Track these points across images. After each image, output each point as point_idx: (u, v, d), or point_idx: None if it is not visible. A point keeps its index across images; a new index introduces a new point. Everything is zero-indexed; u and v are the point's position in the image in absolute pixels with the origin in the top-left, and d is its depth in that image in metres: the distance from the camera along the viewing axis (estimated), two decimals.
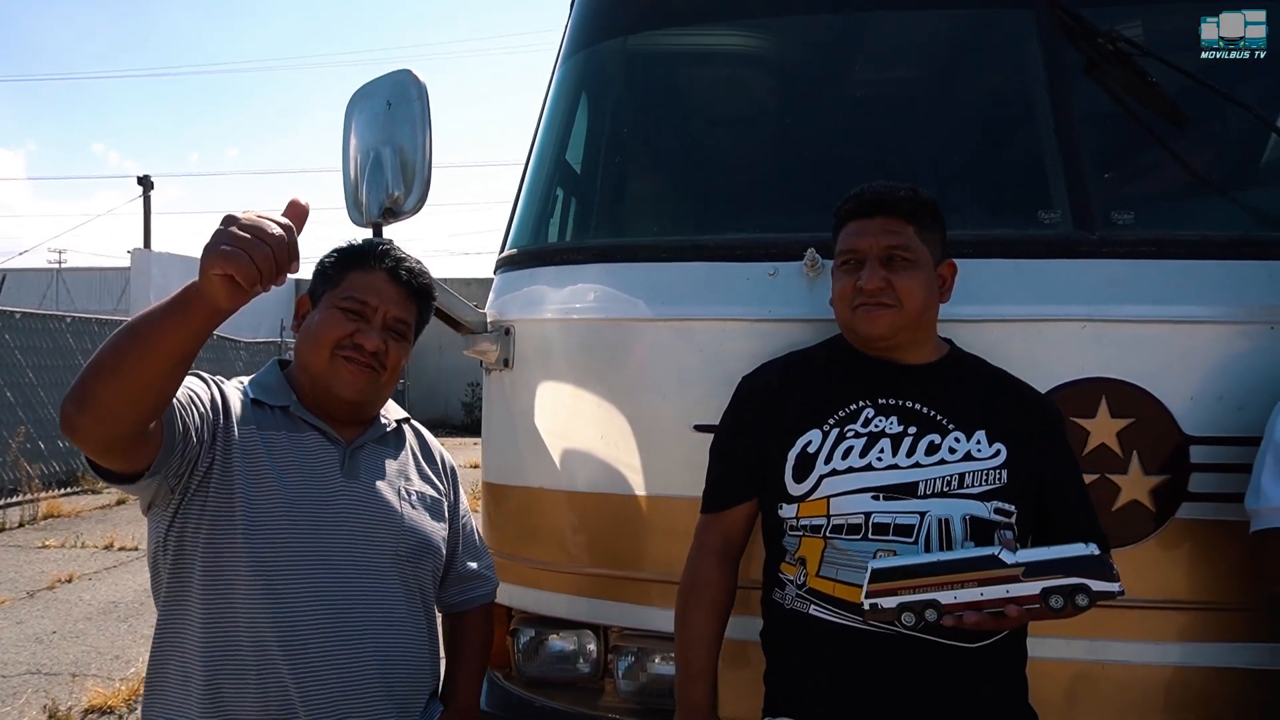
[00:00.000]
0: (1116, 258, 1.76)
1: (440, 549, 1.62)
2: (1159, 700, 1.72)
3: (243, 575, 1.38)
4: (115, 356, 1.18)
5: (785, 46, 2.15)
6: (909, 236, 1.49)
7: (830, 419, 1.51)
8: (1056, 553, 1.28)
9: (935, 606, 1.28)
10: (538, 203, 2.26)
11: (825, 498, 1.46)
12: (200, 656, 1.38)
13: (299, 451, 1.48)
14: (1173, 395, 1.70)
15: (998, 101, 2.05)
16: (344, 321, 1.50)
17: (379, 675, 1.44)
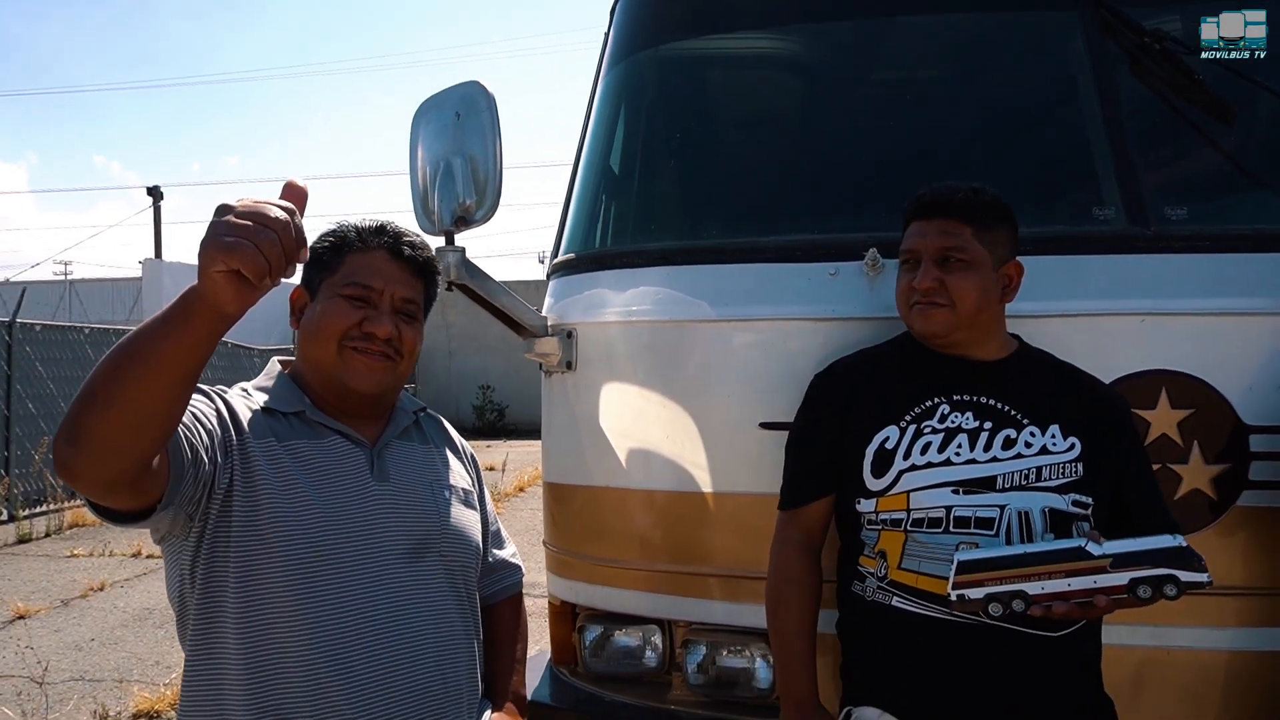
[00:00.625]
0: (1172, 252, 1.80)
1: (479, 541, 1.55)
2: (1222, 685, 1.76)
3: (283, 598, 1.28)
4: (110, 382, 1.02)
5: (835, 50, 2.19)
6: (965, 238, 1.53)
7: (907, 415, 1.55)
8: (1143, 544, 1.32)
9: (1022, 597, 1.32)
10: (590, 208, 2.31)
11: (905, 492, 1.51)
12: (242, 689, 1.27)
13: (325, 459, 1.37)
14: (1231, 385, 1.74)
15: (1045, 101, 2.09)
16: (349, 310, 1.39)
17: (436, 685, 1.36)
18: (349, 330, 1.39)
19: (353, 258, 1.44)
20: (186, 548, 1.30)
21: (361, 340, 1.39)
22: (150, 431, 1.07)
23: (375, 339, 1.39)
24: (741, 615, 1.93)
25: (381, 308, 1.42)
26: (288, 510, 1.30)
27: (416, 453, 1.52)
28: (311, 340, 1.42)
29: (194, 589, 1.30)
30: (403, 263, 1.46)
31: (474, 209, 1.77)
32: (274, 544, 1.28)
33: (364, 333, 1.39)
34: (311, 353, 1.43)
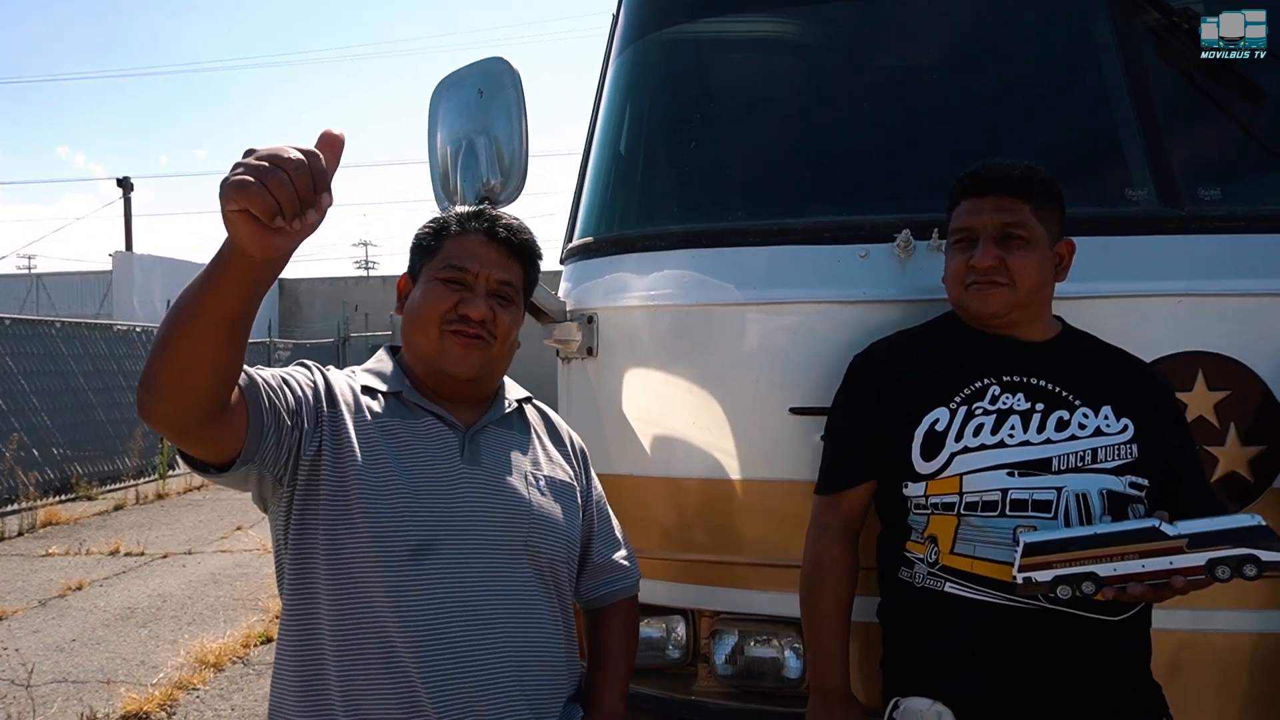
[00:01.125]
0: (1206, 233, 1.78)
1: (575, 538, 1.50)
2: (1256, 668, 1.75)
3: (365, 571, 1.29)
4: (166, 331, 1.09)
5: (858, 29, 2.15)
6: (1024, 214, 1.50)
7: (956, 396, 1.52)
8: (1220, 523, 1.30)
9: (1093, 579, 1.29)
10: (606, 192, 2.26)
11: (958, 475, 1.47)
12: (328, 652, 1.29)
13: (416, 438, 1.38)
14: (1266, 366, 1.72)
15: (1073, 80, 2.07)
16: (446, 293, 1.40)
17: (514, 675, 1.33)
18: (445, 313, 1.40)
19: (450, 242, 1.45)
20: (280, 514, 1.35)
21: (458, 322, 1.40)
22: (203, 375, 1.10)
23: (470, 321, 1.39)
24: (771, 604, 1.90)
25: (477, 290, 1.42)
26: (373, 483, 1.31)
27: (514, 440, 1.50)
28: (412, 324, 1.44)
29: (287, 553, 1.35)
30: (499, 245, 1.46)
31: (499, 190, 1.72)
32: (358, 517, 1.30)
33: (460, 314, 1.40)
34: (412, 337, 1.45)
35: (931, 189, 2.01)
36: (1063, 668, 1.41)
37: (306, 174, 0.96)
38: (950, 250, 1.58)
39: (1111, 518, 1.41)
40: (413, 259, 1.49)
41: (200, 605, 5.65)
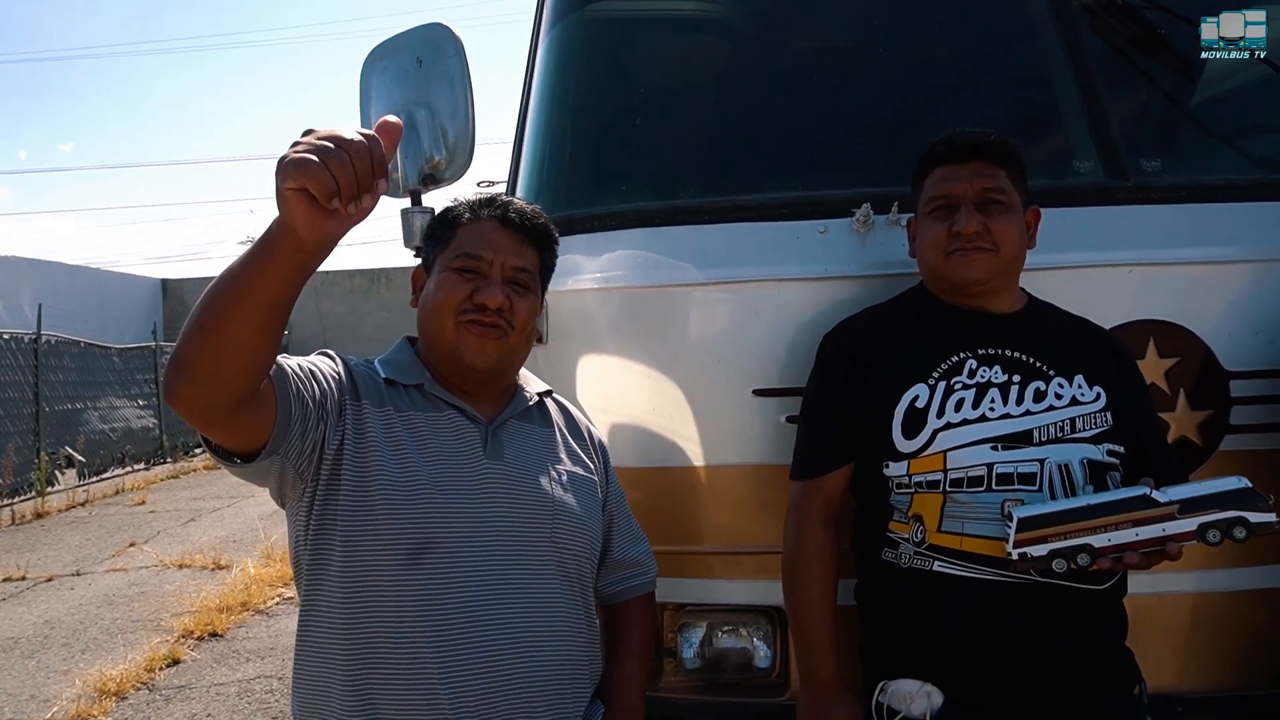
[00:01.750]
0: (1151, 203, 1.81)
1: (596, 532, 1.48)
2: (1211, 624, 1.80)
3: (387, 567, 1.27)
4: (203, 313, 1.06)
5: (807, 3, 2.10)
6: (1002, 180, 1.49)
7: (934, 372, 1.49)
8: (1209, 487, 1.31)
9: (1088, 550, 1.28)
10: (546, 172, 2.14)
11: (942, 452, 1.44)
12: (342, 655, 1.27)
13: (439, 432, 1.36)
14: (1212, 333, 1.77)
15: (1015, 54, 2.08)
16: (460, 283, 1.37)
17: (537, 671, 1.30)
18: (461, 303, 1.37)
19: (463, 230, 1.43)
20: (300, 510, 1.32)
21: (474, 312, 1.37)
22: (239, 361, 1.08)
23: (486, 309, 1.37)
24: (740, 592, 1.84)
25: (492, 278, 1.39)
26: (397, 478, 1.29)
27: (536, 435, 1.47)
28: (428, 316, 1.42)
29: (305, 551, 1.32)
30: (513, 231, 1.43)
31: (443, 166, 1.60)
32: (381, 513, 1.27)
33: (475, 304, 1.37)
34: (428, 329, 1.43)
35: (881, 163, 2.00)
36: (1054, 640, 1.40)
37: (367, 157, 0.94)
38: (926, 219, 1.54)
39: (1093, 487, 1.40)
40: (425, 250, 1.47)
41: (94, 630, 5.24)
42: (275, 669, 4.46)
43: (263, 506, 9.17)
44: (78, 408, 11.84)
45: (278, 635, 4.99)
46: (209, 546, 7.17)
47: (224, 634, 5.02)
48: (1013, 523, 1.32)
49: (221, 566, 6.58)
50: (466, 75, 1.59)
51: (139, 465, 12.90)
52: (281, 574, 6.09)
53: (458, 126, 1.58)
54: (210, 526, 8.28)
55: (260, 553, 6.73)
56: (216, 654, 4.73)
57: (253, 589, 5.70)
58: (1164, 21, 1.97)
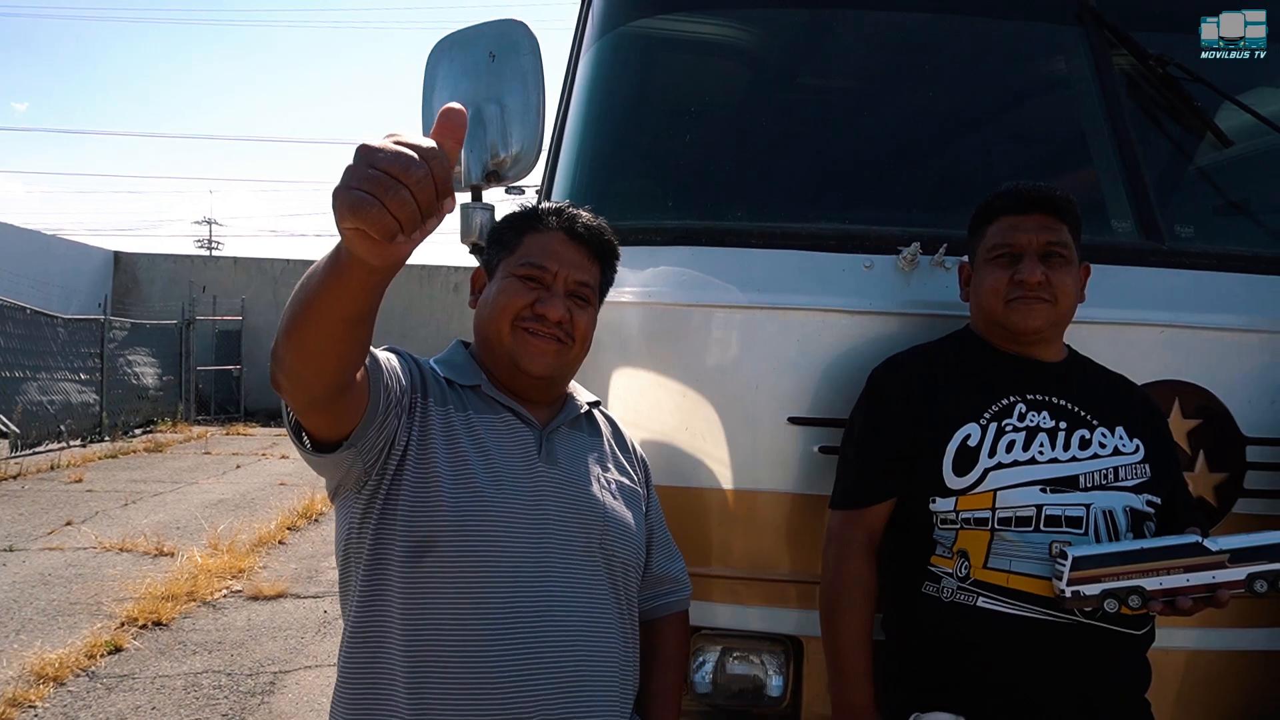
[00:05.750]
0: (1183, 268, 1.86)
1: (641, 542, 1.49)
2: (1220, 681, 1.83)
3: (445, 565, 1.27)
4: (292, 317, 1.06)
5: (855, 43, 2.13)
6: (1064, 234, 1.53)
7: (985, 413, 1.51)
8: (1259, 539, 1.35)
9: (1140, 593, 1.31)
10: (587, 181, 2.12)
11: (992, 490, 1.46)
12: (401, 649, 1.26)
13: (496, 434, 1.37)
14: (1233, 398, 1.82)
15: (1060, 116, 2.13)
16: (523, 291, 1.39)
17: (587, 674, 1.30)
18: (521, 310, 1.39)
19: (530, 238, 1.43)
20: (358, 502, 1.31)
21: (533, 321, 1.39)
22: (327, 364, 1.09)
23: (547, 321, 1.38)
24: (756, 619, 1.83)
25: (555, 290, 1.41)
26: (454, 478, 1.30)
27: (585, 443, 1.49)
28: (486, 319, 1.43)
29: (360, 546, 1.31)
30: (579, 244, 1.44)
31: (508, 164, 1.58)
32: (439, 512, 1.28)
33: (536, 314, 1.39)
34: (486, 332, 1.43)
35: (928, 205, 2.03)
36: (1088, 680, 1.42)
37: (430, 186, 0.87)
38: (987, 265, 1.57)
39: (1133, 534, 1.43)
40: (489, 253, 1.48)
41: (29, 610, 5.01)
42: (224, 664, 4.30)
43: (206, 494, 8.91)
44: (17, 376, 11.39)
45: (225, 629, 4.82)
46: (150, 531, 6.93)
47: (169, 624, 4.84)
48: (1067, 561, 1.34)
49: (165, 553, 6.36)
50: (540, 74, 1.58)
51: (75, 442, 12.44)
52: (230, 565, 5.91)
53: (527, 125, 1.56)
54: (151, 510, 8.00)
55: (206, 542, 6.52)
56: (161, 644, 4.55)
57: (200, 579, 5.51)
58: (1200, 93, 2.04)
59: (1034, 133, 2.19)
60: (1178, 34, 2.19)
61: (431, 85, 1.64)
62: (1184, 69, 2.05)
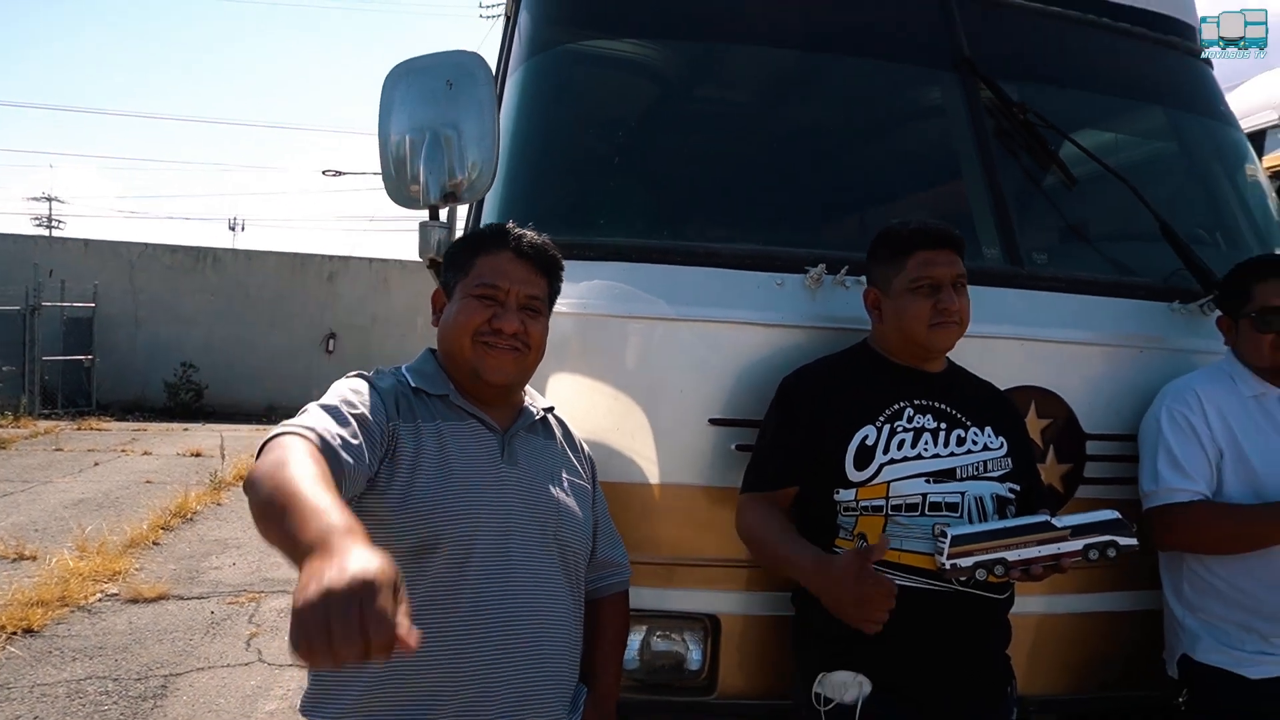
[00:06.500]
0: (1039, 290, 2.19)
1: (589, 533, 1.68)
2: (1054, 639, 2.17)
3: (423, 560, 1.43)
4: (256, 518, 1.21)
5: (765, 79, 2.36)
6: (962, 267, 1.79)
7: (880, 416, 1.76)
8: (1091, 517, 1.65)
9: (1003, 563, 1.59)
10: (520, 197, 2.26)
11: (886, 482, 1.72)
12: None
13: (462, 440, 1.53)
14: (1076, 401, 2.16)
15: (940, 156, 2.44)
16: (480, 309, 1.56)
17: (543, 656, 1.50)
18: (480, 327, 1.55)
19: (482, 260, 1.59)
20: None
21: (491, 335, 1.55)
22: None
23: (503, 334, 1.55)
24: (679, 601, 2.03)
25: (508, 305, 1.57)
26: (426, 484, 1.45)
27: (542, 445, 1.67)
28: (449, 337, 1.59)
29: None
30: (527, 261, 1.60)
31: (464, 185, 1.71)
32: (411, 514, 1.43)
33: (493, 329, 1.55)
34: (449, 348, 1.60)
35: (830, 230, 2.29)
36: (964, 639, 1.71)
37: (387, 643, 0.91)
38: (909, 294, 1.80)
39: (998, 516, 1.72)
40: (446, 275, 1.64)
41: None
42: (108, 669, 4.17)
43: (64, 494, 8.40)
44: None
45: (106, 634, 4.64)
46: (6, 534, 6.51)
47: (41, 630, 4.62)
48: (946, 540, 1.61)
49: (26, 556, 6.00)
50: (494, 103, 1.71)
51: None
52: (103, 568, 5.65)
53: (483, 150, 1.69)
54: (3, 512, 7.48)
55: (73, 544, 6.19)
56: (35, 652, 4.35)
57: (71, 583, 5.25)
58: (1055, 140, 2.39)
59: (919, 168, 2.48)
60: (1038, 84, 2.55)
61: (389, 107, 1.74)
62: (1040, 116, 2.39)
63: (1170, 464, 1.99)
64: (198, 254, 19.12)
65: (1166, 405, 2.05)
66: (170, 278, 18.54)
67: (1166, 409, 2.04)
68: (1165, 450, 2.01)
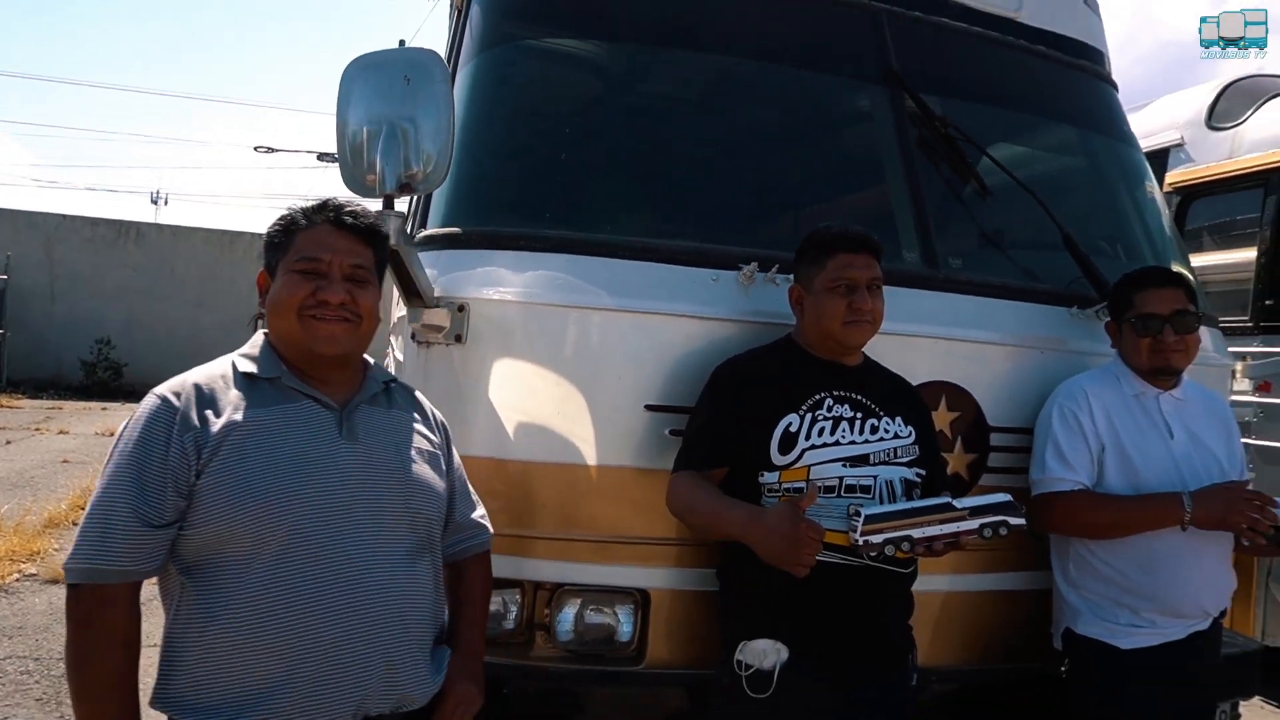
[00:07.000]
0: (953, 292, 2.37)
1: (444, 498, 1.68)
2: (964, 615, 2.36)
3: (248, 552, 1.43)
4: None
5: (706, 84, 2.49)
6: (878, 269, 1.94)
7: (803, 405, 1.91)
8: (987, 499, 1.83)
9: (909, 540, 1.75)
10: (469, 187, 2.34)
11: (807, 466, 1.87)
12: (235, 631, 1.41)
13: (291, 423, 1.51)
14: (983, 396, 2.35)
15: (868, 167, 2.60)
16: (302, 283, 1.53)
17: (401, 622, 1.51)
18: (305, 300, 1.53)
19: (301, 236, 1.57)
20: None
21: (317, 308, 1.53)
22: None
23: (329, 305, 1.53)
24: (612, 576, 2.15)
25: (332, 276, 1.55)
26: (255, 474, 1.44)
27: (385, 416, 1.65)
28: (276, 315, 1.57)
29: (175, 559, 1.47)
30: (347, 232, 1.58)
31: (419, 177, 1.79)
32: (244, 507, 1.43)
33: (318, 301, 1.53)
34: (277, 326, 1.58)
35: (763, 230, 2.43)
36: (873, 609, 1.88)
37: None
38: (828, 294, 1.94)
39: (906, 498, 1.89)
40: (268, 256, 1.61)
41: None
42: (29, 649, 4.10)
43: None
44: None
45: (25, 614, 4.55)
46: None
47: None
48: (860, 518, 1.76)
49: None
50: (450, 99, 1.78)
51: None
52: (20, 548, 5.51)
53: (439, 144, 1.76)
54: None
55: None
56: None
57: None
58: (973, 152, 2.57)
59: (847, 174, 2.65)
60: (960, 99, 2.73)
61: (347, 98, 1.80)
62: (960, 130, 2.58)
63: (1056, 456, 2.19)
64: (120, 228, 18.45)
65: (1058, 402, 2.25)
66: (90, 251, 17.86)
67: (1058, 406, 2.24)
68: (1053, 443, 2.21)
